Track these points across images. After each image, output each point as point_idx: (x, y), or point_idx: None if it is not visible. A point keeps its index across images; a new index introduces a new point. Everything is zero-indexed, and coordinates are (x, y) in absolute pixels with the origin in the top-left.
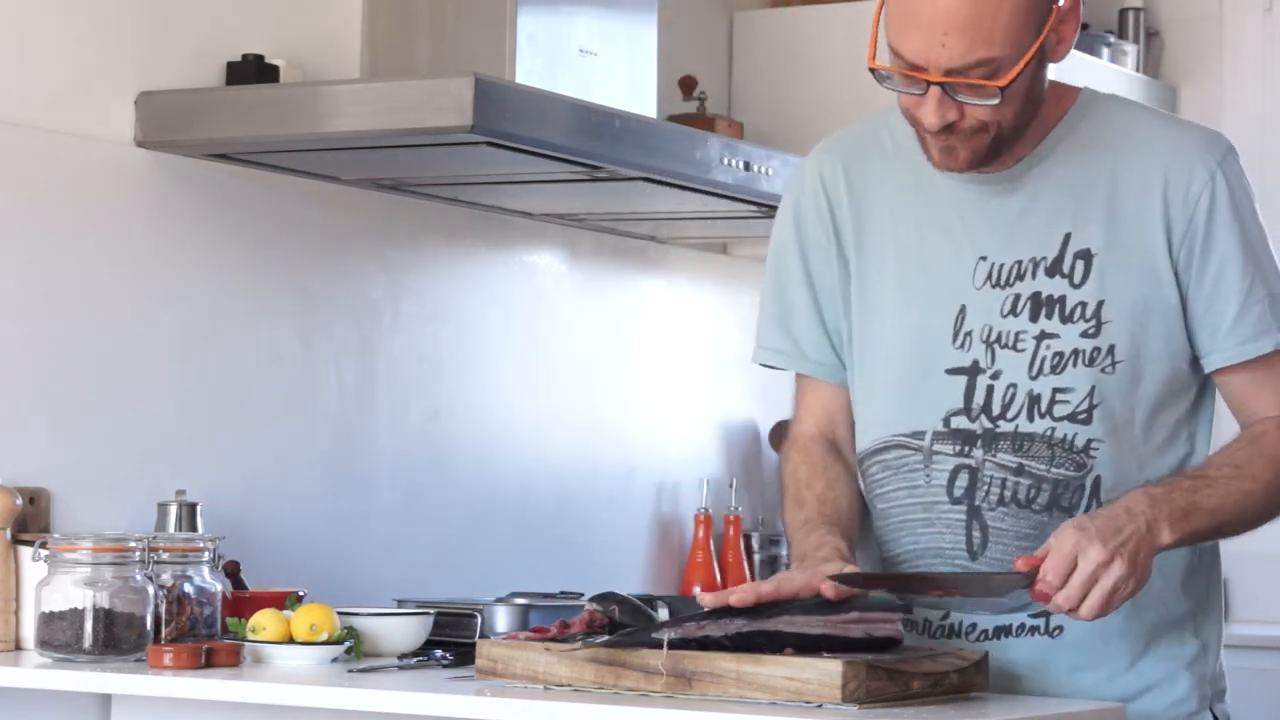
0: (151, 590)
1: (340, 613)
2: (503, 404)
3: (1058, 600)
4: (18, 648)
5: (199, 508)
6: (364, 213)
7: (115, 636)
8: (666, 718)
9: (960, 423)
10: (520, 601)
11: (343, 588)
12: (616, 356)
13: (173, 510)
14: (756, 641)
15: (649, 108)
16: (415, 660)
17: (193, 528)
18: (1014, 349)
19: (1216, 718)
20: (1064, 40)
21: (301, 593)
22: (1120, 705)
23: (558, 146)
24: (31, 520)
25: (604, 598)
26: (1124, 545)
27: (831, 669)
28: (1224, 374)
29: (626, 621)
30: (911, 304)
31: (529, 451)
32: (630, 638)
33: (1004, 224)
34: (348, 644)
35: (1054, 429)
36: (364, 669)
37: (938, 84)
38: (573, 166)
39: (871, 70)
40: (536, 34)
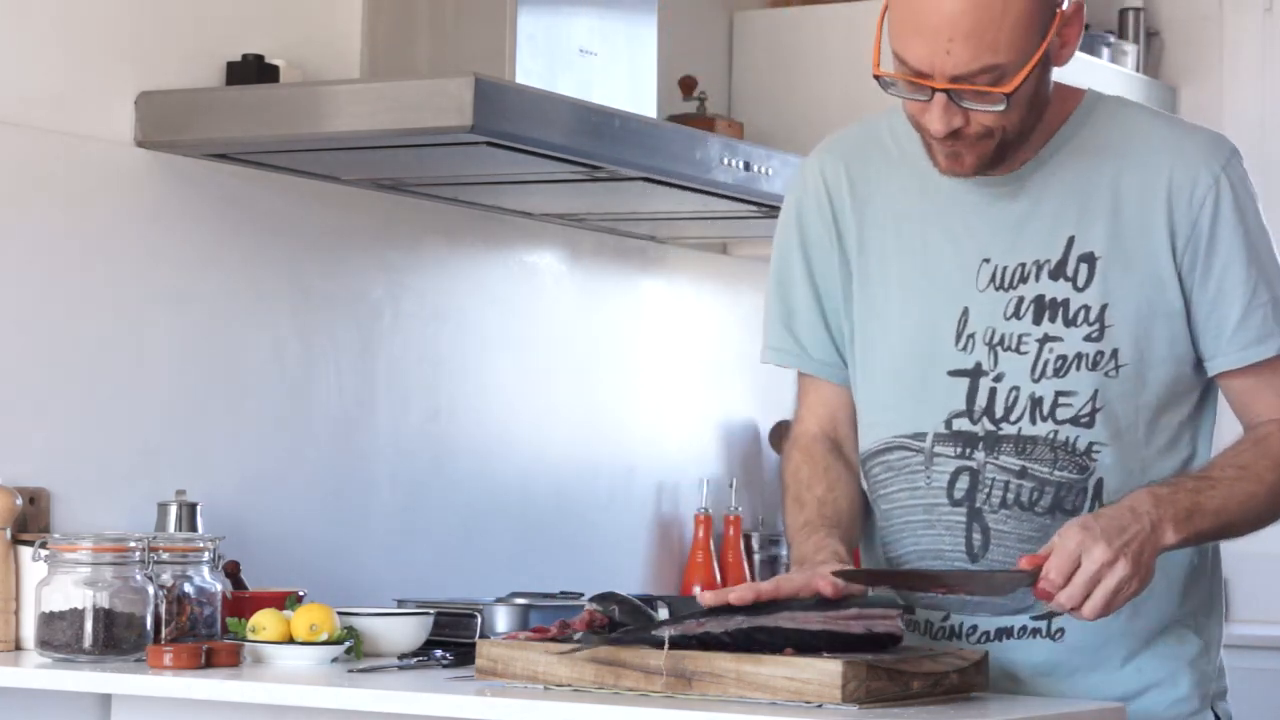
0: (151, 590)
1: (340, 613)
2: (503, 404)
3: (1060, 599)
4: (18, 648)
5: (199, 508)
6: (364, 213)
7: (115, 636)
8: (666, 718)
9: (962, 425)
10: (520, 601)
11: (343, 588)
12: (616, 356)
13: (173, 510)
14: (757, 638)
15: (649, 108)
16: (415, 660)
17: (193, 528)
18: (1017, 351)
19: (1218, 717)
20: (1068, 44)
21: (301, 593)
22: (1120, 705)
23: (557, 146)
24: (31, 520)
25: (604, 598)
26: (1128, 545)
27: (831, 669)
28: (1227, 377)
29: (626, 621)
30: (914, 305)
31: (529, 451)
32: (630, 635)
33: (1007, 227)
34: (348, 644)
35: (1056, 432)
36: (364, 669)
37: (943, 91)
38: (573, 166)
39: (876, 77)
40: (536, 34)
